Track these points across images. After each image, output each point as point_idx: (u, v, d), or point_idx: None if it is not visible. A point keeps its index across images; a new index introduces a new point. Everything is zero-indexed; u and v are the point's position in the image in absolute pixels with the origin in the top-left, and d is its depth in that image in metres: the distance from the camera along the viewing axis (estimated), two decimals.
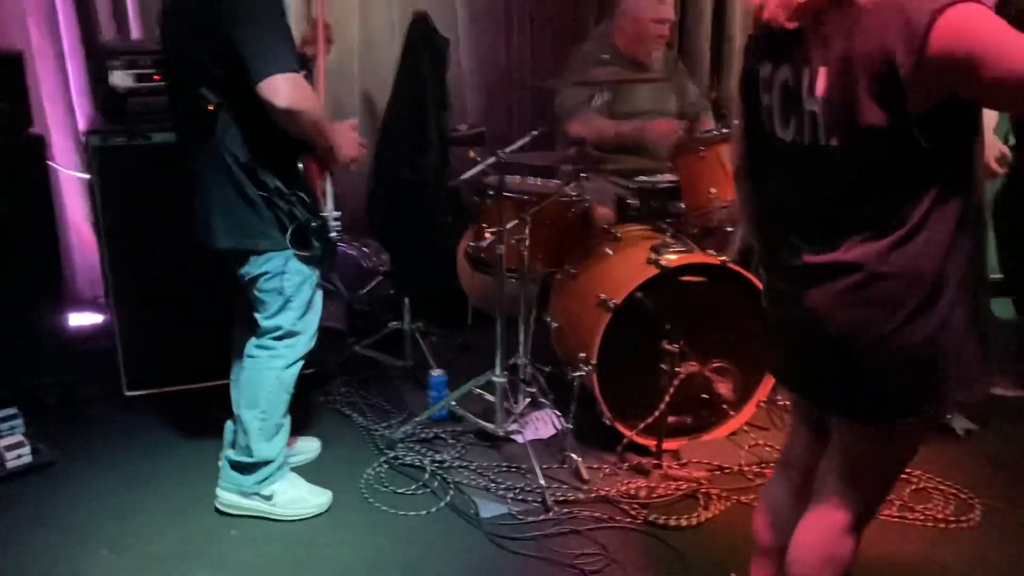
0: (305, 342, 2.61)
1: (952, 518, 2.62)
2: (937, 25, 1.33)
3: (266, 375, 2.57)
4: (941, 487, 2.77)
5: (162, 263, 3.20)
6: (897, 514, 2.63)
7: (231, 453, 2.64)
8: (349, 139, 2.52)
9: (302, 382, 2.69)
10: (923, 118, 1.39)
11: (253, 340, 2.59)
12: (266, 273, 2.48)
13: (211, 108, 2.32)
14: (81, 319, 3.92)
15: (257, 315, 2.55)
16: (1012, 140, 3.33)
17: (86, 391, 3.43)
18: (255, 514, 2.65)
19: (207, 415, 3.12)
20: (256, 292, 2.51)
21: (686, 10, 4.69)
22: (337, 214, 2.53)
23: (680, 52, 4.63)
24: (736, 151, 1.82)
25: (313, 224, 2.45)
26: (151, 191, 3.12)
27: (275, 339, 2.56)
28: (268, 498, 2.64)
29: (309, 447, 3.01)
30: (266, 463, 2.62)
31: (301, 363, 2.63)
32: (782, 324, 1.74)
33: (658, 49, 3.76)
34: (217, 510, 2.67)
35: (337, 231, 2.54)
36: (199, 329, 3.23)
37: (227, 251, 2.47)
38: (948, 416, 3.09)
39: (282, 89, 2.21)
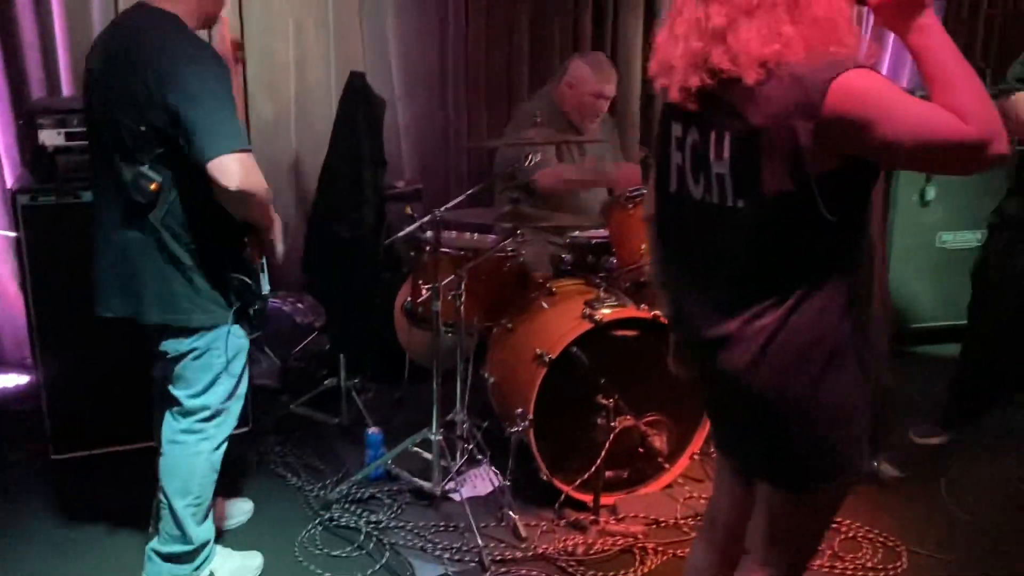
0: (234, 418, 2.52)
1: (880, 566, 2.68)
2: (831, 91, 1.39)
3: (195, 460, 2.44)
4: (869, 535, 2.83)
5: (90, 324, 3.11)
6: (828, 564, 2.68)
7: (158, 544, 2.47)
8: (280, 235, 2.47)
9: (233, 441, 2.61)
10: (822, 184, 1.44)
11: (176, 424, 2.44)
12: (195, 350, 2.36)
13: (154, 188, 2.21)
14: (6, 380, 3.81)
15: (179, 393, 2.41)
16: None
17: (11, 455, 3.32)
18: None
19: (136, 478, 3.04)
20: (181, 369, 2.39)
21: (617, 68, 4.81)
22: (269, 294, 2.49)
23: (611, 111, 4.75)
24: (647, 205, 1.86)
25: (256, 307, 2.40)
26: (80, 250, 3.04)
27: (203, 421, 2.44)
28: None
29: (240, 510, 2.95)
30: (204, 545, 2.52)
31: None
32: (702, 383, 1.77)
33: (594, 122, 3.83)
34: None
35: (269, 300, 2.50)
36: (128, 390, 3.14)
37: (154, 326, 2.35)
38: (875, 466, 3.17)
39: (233, 170, 2.12)
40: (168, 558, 2.47)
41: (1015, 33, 5.28)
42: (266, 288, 2.46)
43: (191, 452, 2.44)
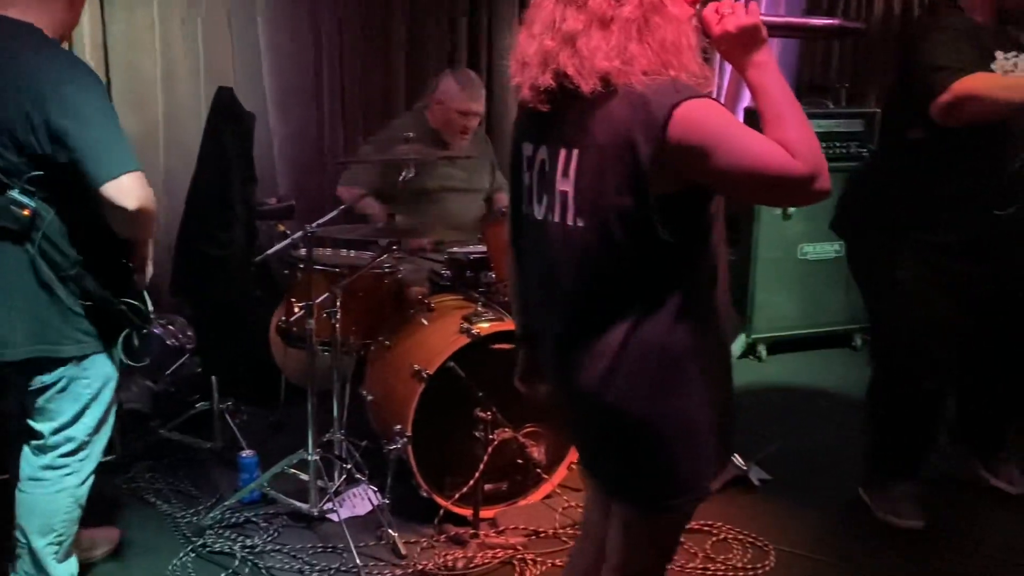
0: (100, 451, 2.41)
1: (750, 566, 2.77)
2: (674, 116, 1.44)
3: (59, 498, 2.32)
4: (740, 536, 2.93)
5: None
6: (700, 566, 2.76)
7: None
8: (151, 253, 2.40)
9: (99, 468, 2.49)
10: (662, 205, 1.49)
11: (37, 460, 2.31)
12: (60, 380, 2.25)
13: (27, 214, 2.09)
14: None
15: (41, 427, 2.28)
16: None
17: None
18: None
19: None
20: (45, 402, 2.26)
21: (492, 85, 4.88)
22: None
23: (488, 122, 4.80)
24: (507, 227, 1.89)
25: (144, 332, 2.32)
26: None
27: (66, 455, 2.31)
28: None
29: (107, 539, 2.82)
30: None
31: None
32: (561, 399, 1.80)
33: (462, 139, 3.82)
34: None
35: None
36: None
37: (20, 362, 2.21)
38: (745, 470, 3.29)
39: (131, 190, 2.06)
40: None
41: (871, 52, 5.60)
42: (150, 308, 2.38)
43: (54, 489, 2.32)
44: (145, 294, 2.37)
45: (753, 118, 1.75)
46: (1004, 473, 3.24)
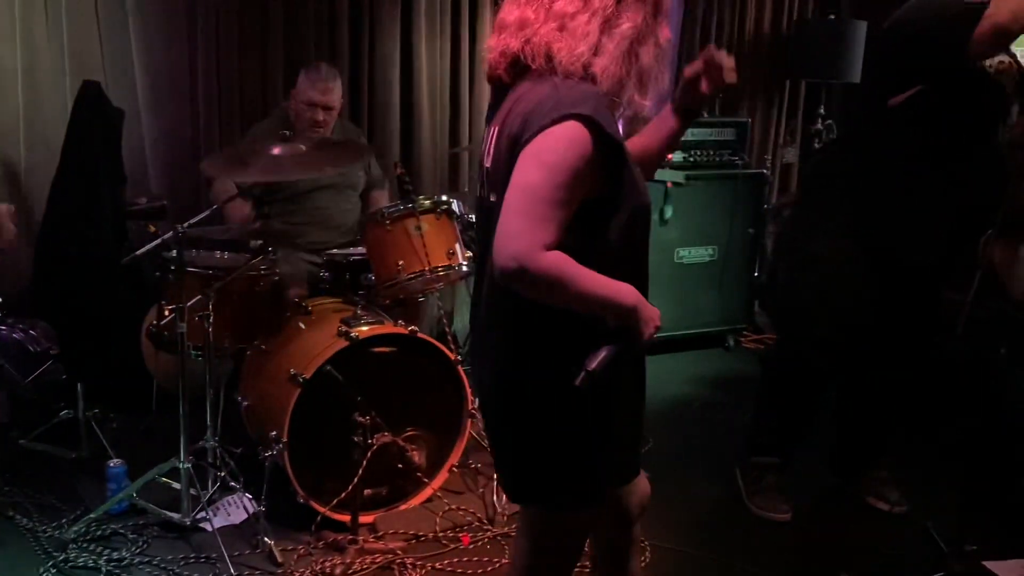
0: None
1: None
2: (545, 129, 1.50)
3: None
4: None
5: None
6: (582, 563, 2.80)
7: None
8: (3, 227, 2.27)
9: None
10: None
11: None
12: None
13: None
14: None
15: None
16: None
17: None
18: None
19: None
20: None
21: (374, 84, 4.83)
22: None
23: (369, 126, 4.76)
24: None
25: None
26: None
27: None
28: None
29: None
30: None
31: None
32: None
33: (315, 132, 3.70)
34: None
35: None
36: None
37: None
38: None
39: None
40: None
41: (742, 67, 5.81)
42: None
43: None
44: None
45: None
46: (882, 492, 3.28)
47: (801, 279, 3.19)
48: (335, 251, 3.53)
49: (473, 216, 3.51)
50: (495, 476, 3.15)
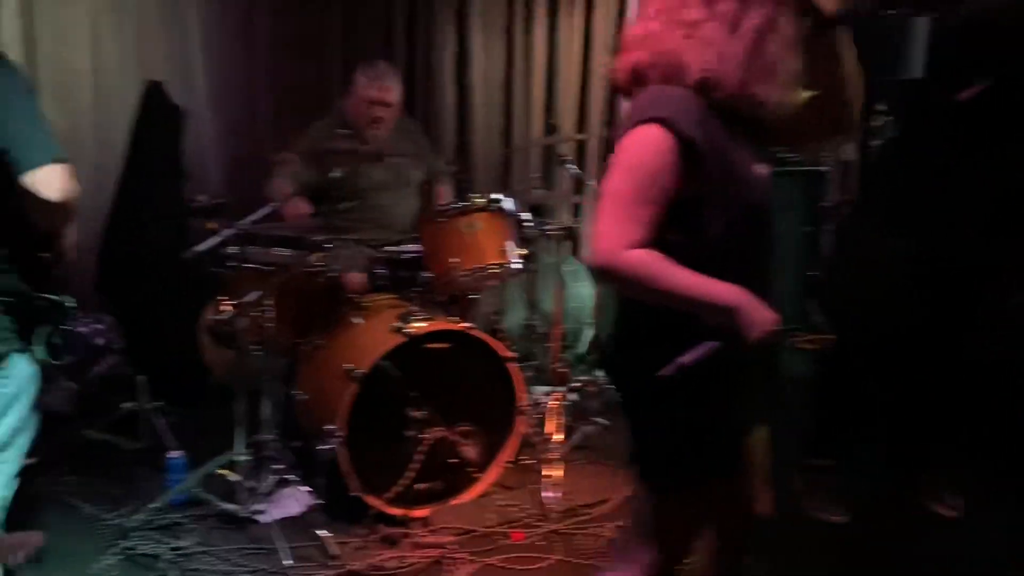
0: (24, 452, 2.34)
1: None
2: (627, 133, 1.63)
3: None
4: None
5: None
6: None
7: None
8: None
9: (23, 471, 2.42)
10: None
11: None
12: None
13: None
14: None
15: None
16: None
17: None
18: None
19: None
20: None
21: (430, 83, 4.87)
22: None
23: (425, 125, 4.79)
24: None
25: (64, 328, 2.26)
26: None
27: None
28: None
29: (28, 544, 2.74)
30: None
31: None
32: None
33: (374, 130, 3.74)
34: None
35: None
36: None
37: None
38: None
39: (56, 181, 2.04)
40: None
41: None
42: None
43: None
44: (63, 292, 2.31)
45: None
46: (940, 496, 3.19)
47: (859, 278, 3.13)
48: (390, 248, 3.56)
49: (527, 214, 3.53)
50: (548, 473, 3.16)
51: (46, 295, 2.23)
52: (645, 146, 1.60)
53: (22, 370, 2.26)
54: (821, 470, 3.22)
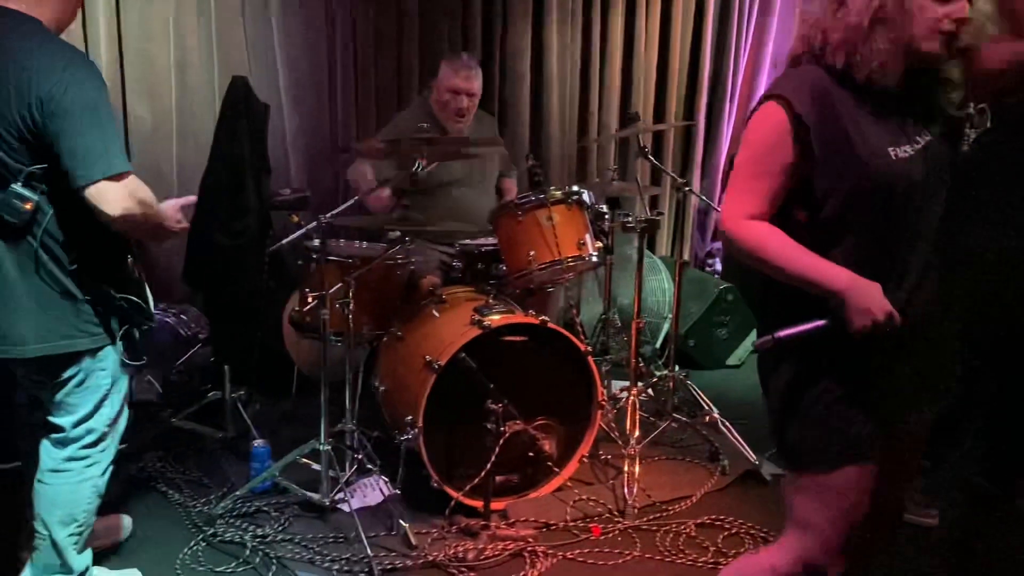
0: (118, 439, 2.40)
1: None
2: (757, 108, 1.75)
3: (82, 488, 2.31)
4: (752, 531, 2.92)
5: None
6: (712, 560, 2.76)
7: (33, 573, 2.35)
8: (176, 224, 2.37)
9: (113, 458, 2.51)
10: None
11: (58, 452, 2.29)
12: (78, 375, 2.23)
13: (29, 207, 2.06)
14: None
15: (61, 420, 2.27)
16: None
17: None
18: None
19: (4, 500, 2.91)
20: (64, 396, 2.25)
21: (505, 79, 4.87)
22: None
23: (499, 118, 4.79)
24: None
25: (144, 328, 2.30)
26: None
27: (88, 447, 2.30)
28: None
29: (118, 527, 2.83)
30: (83, 572, 2.39)
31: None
32: None
33: (457, 122, 3.78)
34: None
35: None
36: None
37: (34, 360, 2.19)
38: (756, 464, 3.29)
39: (112, 197, 2.02)
40: None
41: None
42: (151, 300, 2.38)
43: (76, 480, 2.31)
44: (147, 290, 2.36)
45: None
46: None
47: (955, 274, 3.00)
48: (467, 241, 3.57)
49: (604, 207, 3.50)
50: (626, 468, 3.14)
51: (125, 296, 2.25)
52: (762, 122, 1.72)
53: (116, 362, 2.32)
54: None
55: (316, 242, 3.01)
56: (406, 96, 4.61)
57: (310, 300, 3.03)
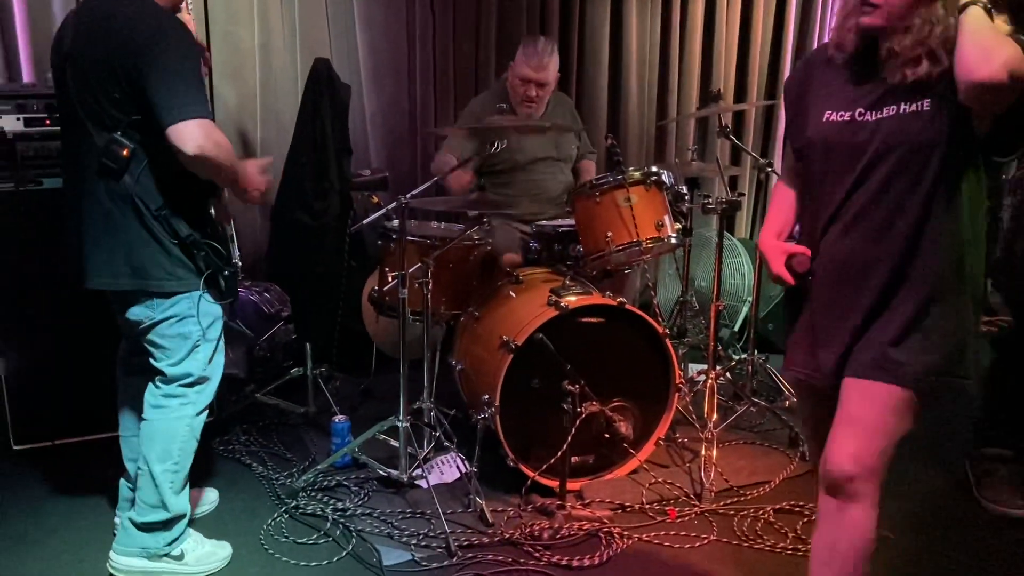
0: (215, 385, 2.55)
1: None
2: None
3: (178, 424, 2.47)
4: None
5: (51, 313, 3.11)
6: (791, 546, 2.72)
7: (133, 514, 2.48)
8: (257, 179, 2.50)
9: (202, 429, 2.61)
10: None
11: (158, 390, 2.47)
12: (171, 317, 2.39)
13: (126, 154, 2.26)
14: None
15: (159, 363, 2.44)
16: None
17: None
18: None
19: (96, 469, 3.06)
20: (157, 338, 2.41)
21: (583, 58, 4.84)
22: (239, 262, 2.52)
23: (577, 98, 4.77)
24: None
25: (226, 273, 2.42)
26: (41, 238, 3.05)
27: (185, 386, 2.46)
28: (179, 558, 2.53)
29: (206, 499, 2.94)
30: (180, 517, 2.52)
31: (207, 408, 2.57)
32: None
33: (526, 108, 3.76)
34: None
35: (239, 276, 2.53)
36: (88, 380, 3.14)
37: (127, 294, 2.37)
38: None
39: (191, 135, 2.17)
40: (142, 527, 2.47)
41: None
42: (235, 253, 2.49)
43: (173, 416, 2.47)
44: (232, 243, 2.50)
45: None
46: None
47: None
48: (544, 222, 3.57)
49: (684, 187, 3.46)
50: (703, 452, 3.11)
51: (209, 241, 2.39)
52: None
53: (208, 308, 2.45)
54: (997, 460, 3.03)
55: (395, 222, 3.04)
56: (484, 77, 4.61)
57: (389, 279, 3.07)
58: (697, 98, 5.20)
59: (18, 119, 3.06)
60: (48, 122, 3.07)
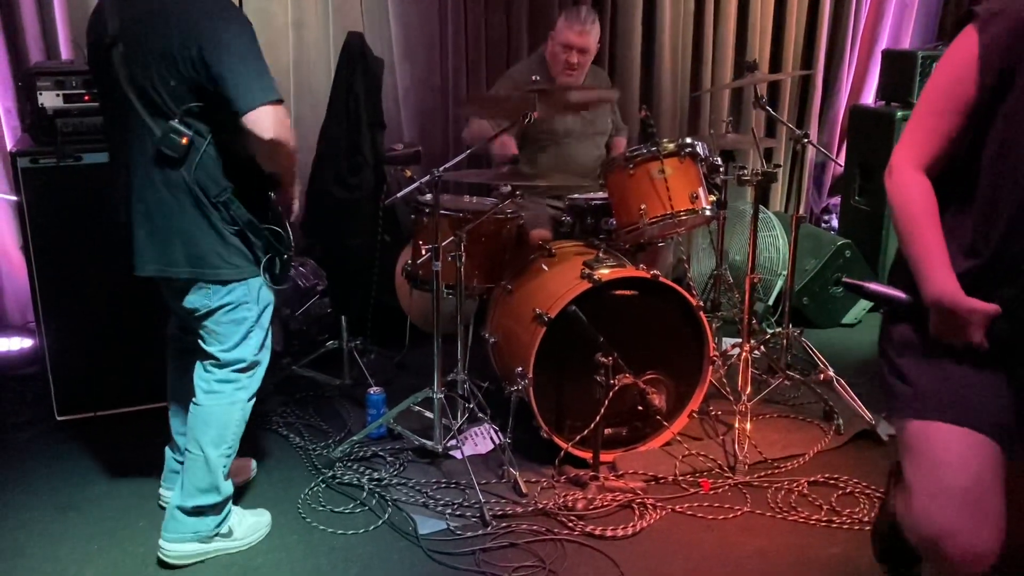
0: (264, 369, 2.58)
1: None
2: None
3: (232, 410, 2.50)
4: (867, 491, 2.86)
5: (93, 286, 3.17)
6: (825, 518, 2.72)
7: (182, 500, 2.49)
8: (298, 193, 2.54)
9: None
10: None
11: (209, 375, 2.48)
12: (228, 304, 2.41)
13: (185, 142, 2.25)
14: (10, 344, 3.84)
15: (211, 347, 2.45)
16: None
17: (16, 416, 3.37)
18: (217, 555, 2.56)
19: (140, 439, 3.13)
20: (212, 325, 2.43)
21: (616, 30, 4.80)
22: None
23: (610, 70, 4.73)
24: None
25: (285, 257, 2.45)
26: (82, 212, 3.10)
27: (239, 371, 2.49)
28: (228, 535, 2.57)
29: (245, 469, 2.99)
30: (229, 498, 2.56)
31: None
32: None
33: (567, 76, 3.73)
34: (164, 563, 2.51)
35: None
36: (130, 352, 3.21)
37: (184, 281, 2.37)
38: (873, 424, 3.21)
39: (267, 121, 2.19)
40: (195, 512, 2.49)
41: None
42: (290, 238, 2.51)
43: (227, 401, 2.50)
44: (286, 223, 2.52)
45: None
46: None
47: None
48: (577, 196, 3.56)
49: (718, 159, 3.43)
50: (737, 424, 3.11)
51: (269, 226, 2.41)
52: (954, 48, 1.47)
53: (261, 294, 2.48)
54: None
55: (428, 196, 3.06)
56: (516, 51, 4.59)
57: (423, 253, 3.09)
58: (732, 68, 5.14)
59: (57, 95, 3.11)
60: (87, 98, 3.11)
